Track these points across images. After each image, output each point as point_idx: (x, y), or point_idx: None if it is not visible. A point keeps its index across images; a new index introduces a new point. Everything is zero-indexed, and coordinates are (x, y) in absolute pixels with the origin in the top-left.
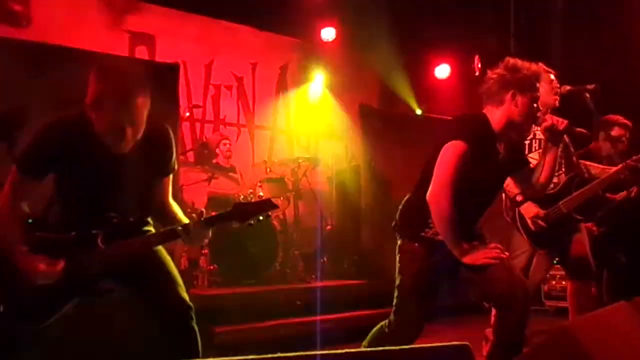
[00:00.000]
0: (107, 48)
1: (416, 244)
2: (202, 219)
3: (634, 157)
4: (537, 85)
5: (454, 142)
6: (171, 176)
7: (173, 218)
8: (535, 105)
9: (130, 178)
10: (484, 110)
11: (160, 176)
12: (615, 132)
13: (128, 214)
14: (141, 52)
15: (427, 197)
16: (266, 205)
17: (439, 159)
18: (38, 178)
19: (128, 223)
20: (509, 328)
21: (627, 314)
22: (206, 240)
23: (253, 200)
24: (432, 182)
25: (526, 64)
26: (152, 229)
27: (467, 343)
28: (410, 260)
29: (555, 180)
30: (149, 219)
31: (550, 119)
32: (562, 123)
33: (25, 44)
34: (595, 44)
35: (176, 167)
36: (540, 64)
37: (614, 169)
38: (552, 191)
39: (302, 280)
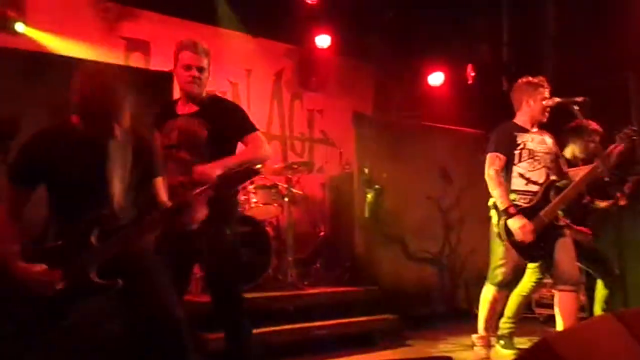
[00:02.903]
0: (103, 55)
1: None
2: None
3: (606, 151)
4: None
5: None
6: (161, 178)
7: None
8: None
9: (117, 178)
10: None
11: (148, 177)
12: (588, 137)
13: (122, 215)
14: (136, 58)
15: None
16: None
17: None
18: (29, 187)
19: (122, 219)
20: None
21: (611, 326)
22: None
23: (247, 208)
24: None
25: None
26: None
27: (451, 356)
28: None
29: (535, 189)
30: None
31: None
32: None
33: (20, 52)
34: (586, 54)
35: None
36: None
37: (587, 167)
38: (531, 203)
39: (295, 287)
